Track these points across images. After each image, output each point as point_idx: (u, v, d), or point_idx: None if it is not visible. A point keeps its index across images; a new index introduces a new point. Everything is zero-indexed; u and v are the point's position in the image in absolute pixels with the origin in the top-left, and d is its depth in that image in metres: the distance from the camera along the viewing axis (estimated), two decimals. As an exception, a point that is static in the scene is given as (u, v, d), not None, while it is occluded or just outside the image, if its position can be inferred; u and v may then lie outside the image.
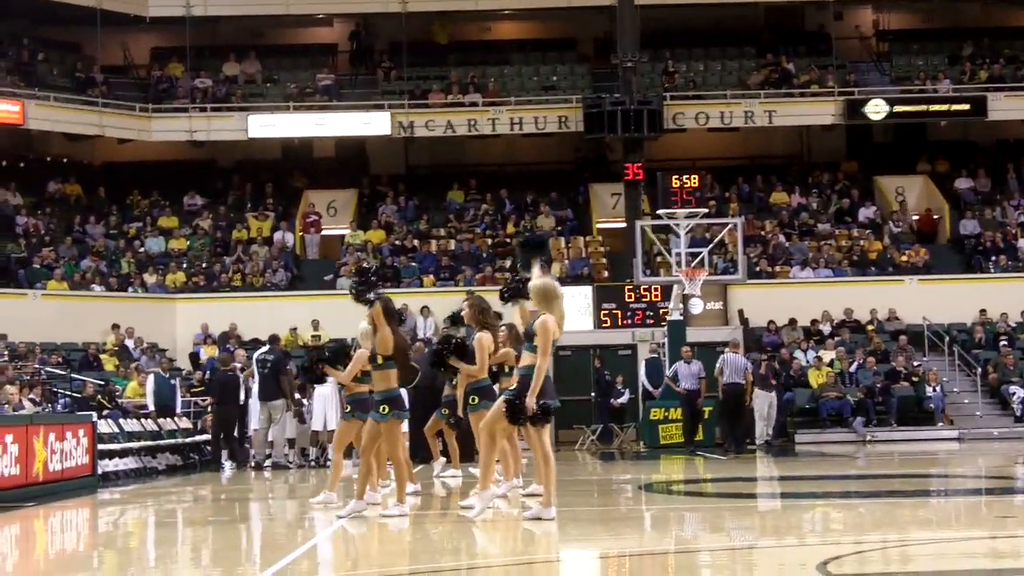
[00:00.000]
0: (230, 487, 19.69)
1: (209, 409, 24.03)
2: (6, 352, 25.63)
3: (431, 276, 32.15)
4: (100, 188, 36.07)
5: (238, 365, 23.35)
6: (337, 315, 25.39)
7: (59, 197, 35.80)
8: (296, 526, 12.95)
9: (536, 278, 11.62)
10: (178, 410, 24.08)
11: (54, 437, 17.10)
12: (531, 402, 11.15)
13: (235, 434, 23.02)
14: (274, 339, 23.52)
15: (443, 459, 17.52)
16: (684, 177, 27.15)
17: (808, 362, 28.60)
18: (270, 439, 22.76)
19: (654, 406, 25.95)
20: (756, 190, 36.23)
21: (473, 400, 13.37)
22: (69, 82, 36.25)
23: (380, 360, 12.35)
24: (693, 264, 26.64)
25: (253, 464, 22.49)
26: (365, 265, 29.44)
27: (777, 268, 32.46)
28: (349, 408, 13.91)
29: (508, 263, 31.92)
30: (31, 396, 19.92)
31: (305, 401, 22.59)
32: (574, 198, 36.57)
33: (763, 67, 36.92)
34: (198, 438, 23.56)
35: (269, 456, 22.69)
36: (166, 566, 10.46)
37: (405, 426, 14.92)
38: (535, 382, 11.13)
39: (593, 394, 27.52)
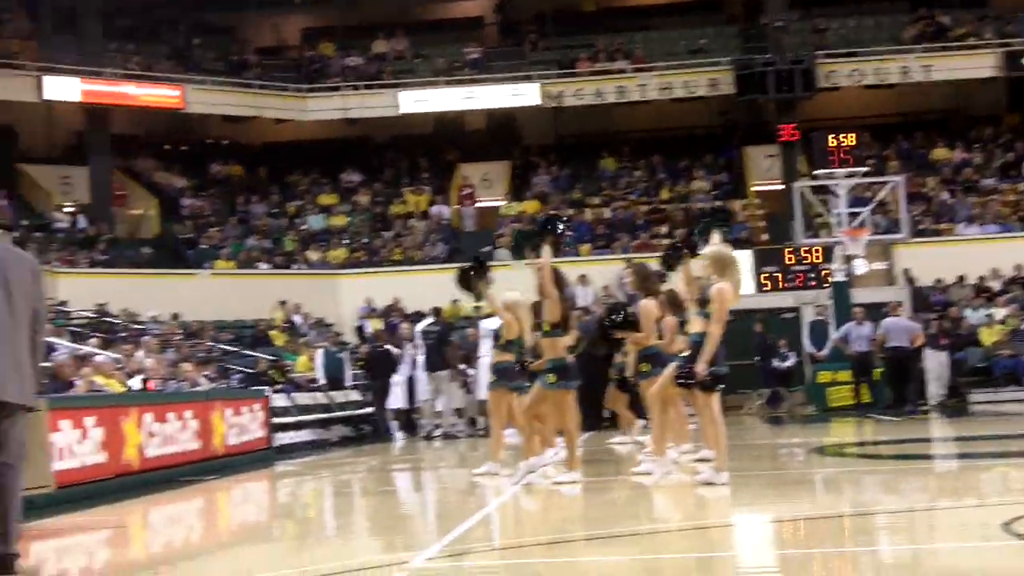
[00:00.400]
0: (402, 457, 20.05)
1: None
2: (180, 330, 26.37)
3: (587, 245, 32.21)
4: (260, 168, 36.86)
5: (404, 340, 23.86)
6: (496, 286, 25.59)
7: (221, 178, 36.65)
8: (468, 494, 13.11)
9: (713, 246, 11.61)
10: (347, 383, 24.62)
11: (231, 412, 17.60)
12: (702, 369, 11.16)
13: (388, 406, 23.50)
14: (437, 311, 23.89)
15: (640, 422, 17.18)
16: (841, 136, 26.74)
17: (979, 320, 27.99)
18: (438, 409, 23.19)
19: (822, 369, 25.68)
20: (915, 147, 35.52)
21: (645, 367, 13.39)
22: (224, 65, 37.02)
23: (547, 328, 12.41)
24: (854, 224, 26.25)
25: (423, 435, 22.91)
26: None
27: (942, 225, 31.81)
28: (494, 377, 13.98)
29: (665, 229, 31.83)
30: (206, 373, 20.47)
31: (470, 371, 22.88)
32: (728, 161, 36.27)
33: (916, 21, 36.12)
34: (368, 410, 24.05)
35: (438, 427, 23.09)
36: (344, 536, 10.72)
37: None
38: (708, 349, 11.12)
39: (757, 358, 27.31)
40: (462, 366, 22.99)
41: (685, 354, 11.66)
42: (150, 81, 34.28)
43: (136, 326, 25.99)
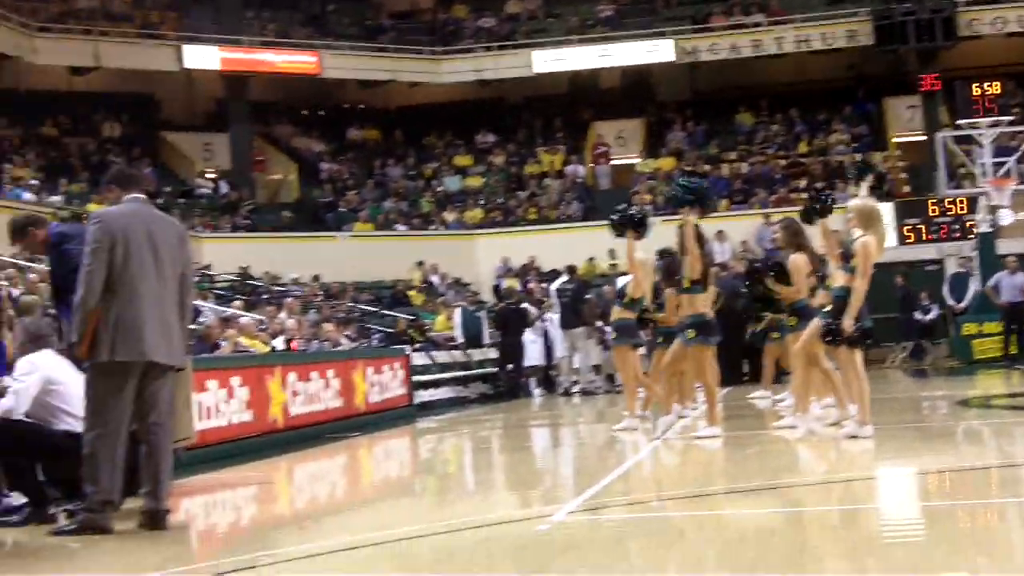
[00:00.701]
0: (540, 413, 20.15)
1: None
2: (321, 292, 26.79)
3: (725, 200, 31.91)
4: (396, 131, 37.17)
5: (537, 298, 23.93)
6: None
7: (359, 142, 37.04)
8: (608, 450, 13.12)
9: (859, 198, 11.43)
10: (485, 341, 24.80)
11: (372, 371, 17.85)
12: (848, 325, 11.01)
13: (525, 363, 23.61)
14: (572, 269, 23.93)
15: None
16: (985, 85, 26.11)
17: None
18: (576, 366, 23.27)
19: (967, 320, 25.18)
20: (1061, 94, 34.50)
21: (792, 321, 13.25)
22: (359, 30, 37.34)
23: (687, 284, 12.36)
24: (999, 174, 25.64)
25: (561, 391, 23.01)
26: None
27: (1093, 174, 30.87)
28: (615, 334, 13.96)
29: (804, 183, 31.41)
30: (347, 333, 20.79)
31: (607, 328, 22.85)
32: (867, 114, 35.61)
33: (1062, -36, 34.99)
34: (501, 368, 24.22)
35: (576, 383, 23.16)
36: (485, 491, 10.80)
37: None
38: (854, 305, 10.97)
39: (898, 312, 26.86)
40: (599, 323, 22.99)
41: (827, 309, 11.50)
42: (287, 48, 34.77)
43: (278, 288, 26.48)
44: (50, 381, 8.61)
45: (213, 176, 33.85)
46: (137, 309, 7.79)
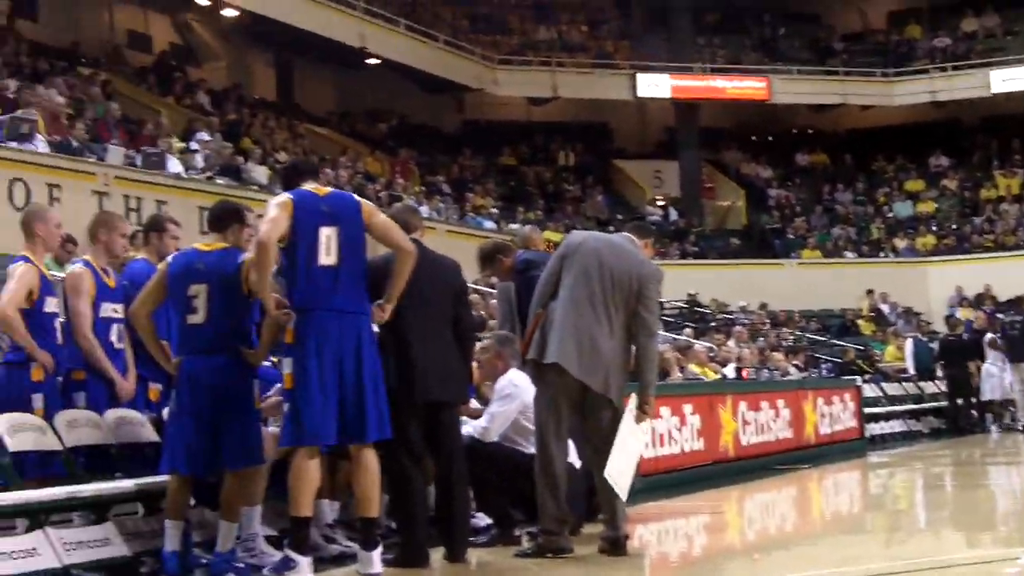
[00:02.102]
0: (996, 450, 19.42)
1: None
2: (767, 320, 26.84)
3: None
4: (845, 156, 36.72)
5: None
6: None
7: (807, 167, 36.84)
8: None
9: None
10: (938, 373, 24.09)
11: (822, 401, 17.74)
12: None
13: (971, 398, 22.69)
14: (1020, 300, 22.90)
15: None
16: None
17: None
18: (1024, 400, 22.27)
19: None
20: None
21: None
22: (810, 54, 37.14)
23: None
24: None
25: (1021, 427, 22.04)
26: None
27: None
28: None
29: None
30: (795, 362, 20.76)
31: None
32: None
33: None
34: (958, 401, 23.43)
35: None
36: (936, 530, 10.55)
37: None
38: None
39: None
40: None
41: None
42: (736, 74, 35.03)
43: (724, 316, 26.71)
44: (527, 404, 8.78)
45: (662, 203, 34.50)
46: (569, 321, 7.94)
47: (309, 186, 7.39)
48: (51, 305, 7.94)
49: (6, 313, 7.75)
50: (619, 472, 7.99)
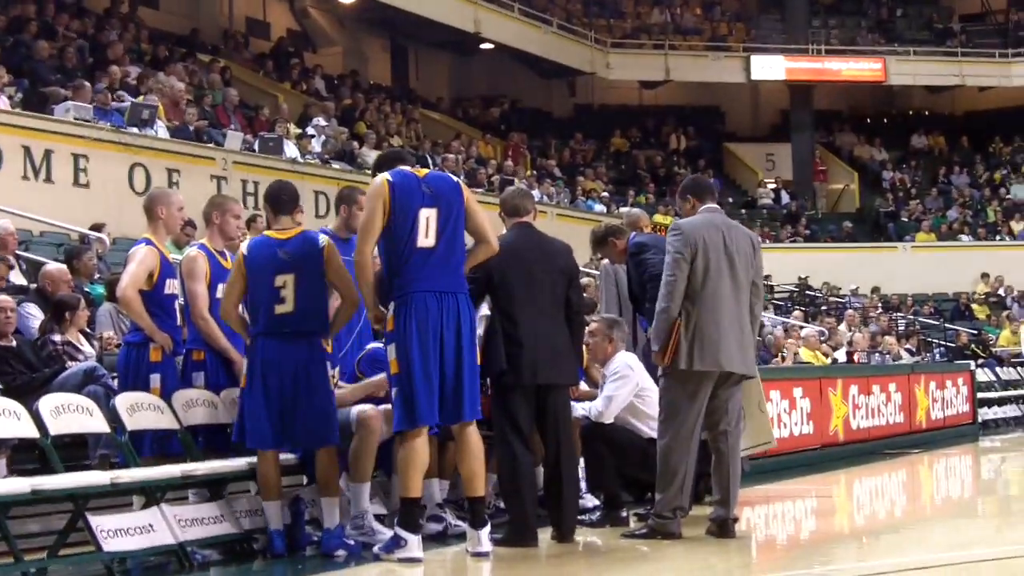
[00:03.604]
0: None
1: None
2: (880, 303, 26.59)
3: None
4: (962, 138, 36.16)
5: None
6: None
7: (923, 150, 36.35)
8: None
9: None
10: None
11: (934, 386, 17.59)
12: None
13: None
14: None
15: None
16: None
17: None
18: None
19: None
20: None
21: None
22: (927, 35, 36.60)
23: None
24: None
25: None
26: None
27: None
28: None
29: None
30: (907, 346, 20.58)
31: None
32: None
33: None
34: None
35: None
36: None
37: None
38: None
39: None
40: None
41: None
42: (851, 55, 34.64)
43: (836, 299, 26.51)
44: (641, 387, 8.93)
45: (774, 186, 34.27)
46: (717, 319, 7.93)
47: (406, 168, 7.41)
48: (171, 287, 8.10)
49: (126, 294, 7.93)
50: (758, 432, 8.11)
